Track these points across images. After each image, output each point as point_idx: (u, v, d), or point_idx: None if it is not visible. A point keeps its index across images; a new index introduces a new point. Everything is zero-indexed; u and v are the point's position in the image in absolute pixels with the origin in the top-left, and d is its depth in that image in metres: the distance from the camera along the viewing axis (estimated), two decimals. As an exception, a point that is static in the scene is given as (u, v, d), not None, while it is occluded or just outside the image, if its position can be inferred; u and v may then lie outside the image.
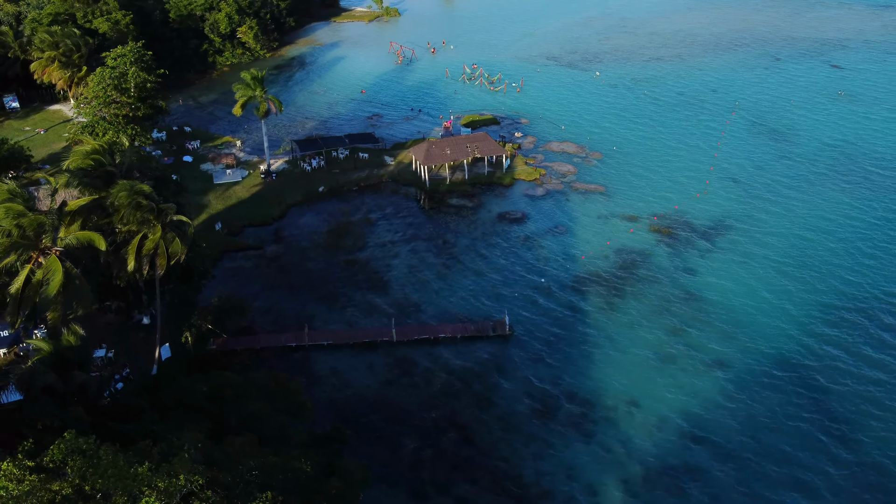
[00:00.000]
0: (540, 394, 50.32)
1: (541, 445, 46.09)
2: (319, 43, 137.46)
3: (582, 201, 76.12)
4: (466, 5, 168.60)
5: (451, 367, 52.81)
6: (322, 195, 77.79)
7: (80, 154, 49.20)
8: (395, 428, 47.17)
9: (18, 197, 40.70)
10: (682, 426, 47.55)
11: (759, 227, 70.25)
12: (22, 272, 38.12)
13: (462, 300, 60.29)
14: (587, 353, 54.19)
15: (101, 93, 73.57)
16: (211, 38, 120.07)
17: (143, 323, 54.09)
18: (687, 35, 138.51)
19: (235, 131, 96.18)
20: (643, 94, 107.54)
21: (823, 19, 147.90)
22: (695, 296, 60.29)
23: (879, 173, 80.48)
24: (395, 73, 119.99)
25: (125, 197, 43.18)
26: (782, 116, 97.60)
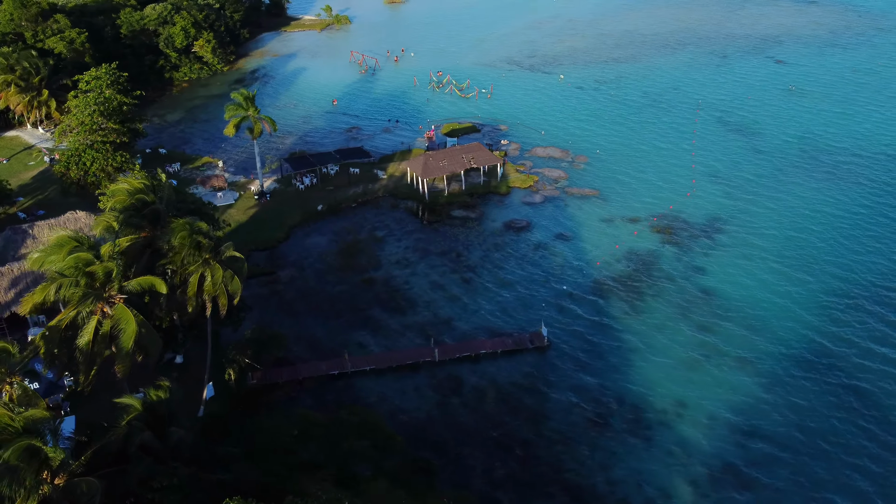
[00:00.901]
0: (590, 402, 50.97)
1: (605, 454, 46.75)
2: (275, 54, 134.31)
3: (580, 206, 77.35)
4: (412, 12, 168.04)
5: (498, 382, 52.82)
6: (322, 214, 76.17)
7: (123, 192, 46.51)
8: (459, 450, 46.81)
9: (84, 244, 38.08)
10: (731, 422, 49.11)
11: (751, 222, 73.07)
12: (89, 324, 35.71)
13: (491, 314, 60.34)
14: (625, 357, 55.22)
15: (87, 119, 69.65)
16: (167, 54, 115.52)
17: (175, 362, 51.70)
18: (635, 35, 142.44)
19: (212, 151, 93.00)
20: (609, 95, 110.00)
21: (756, 16, 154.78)
22: (710, 293, 62.28)
23: (844, 164, 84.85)
24: (361, 82, 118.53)
25: (185, 237, 41.13)
26: (744, 113, 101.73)
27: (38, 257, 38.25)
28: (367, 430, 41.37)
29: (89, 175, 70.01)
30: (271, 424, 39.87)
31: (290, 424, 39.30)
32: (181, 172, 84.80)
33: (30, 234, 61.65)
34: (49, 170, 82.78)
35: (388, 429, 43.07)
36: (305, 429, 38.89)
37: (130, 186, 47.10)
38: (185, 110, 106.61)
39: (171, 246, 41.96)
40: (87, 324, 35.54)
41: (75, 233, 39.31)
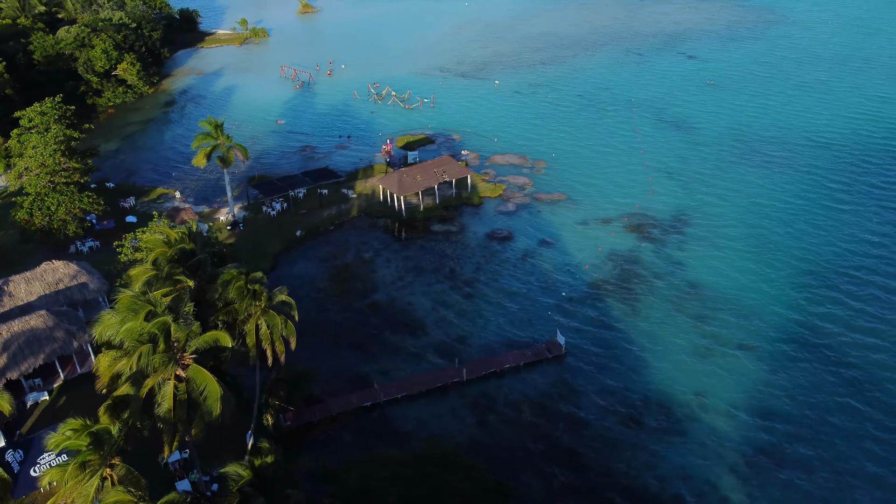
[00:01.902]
0: (619, 405, 52.69)
1: (646, 454, 48.53)
2: (200, 72, 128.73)
3: (553, 211, 79.26)
4: (326, 22, 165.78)
5: (528, 395, 53.60)
6: (301, 240, 74.12)
7: (159, 243, 43.45)
8: (511, 467, 47.29)
9: (158, 305, 35.27)
10: (749, 407, 52.06)
11: (711, 215, 77.28)
12: (166, 390, 33.32)
13: (501, 327, 60.99)
14: (637, 356, 57.36)
15: (48, 160, 64.34)
16: (87, 79, 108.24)
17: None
18: (552, 37, 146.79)
19: (163, 181, 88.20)
20: (547, 99, 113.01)
21: (657, 15, 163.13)
22: (696, 286, 65.61)
23: (776, 153, 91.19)
24: (299, 98, 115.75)
25: (242, 286, 39.10)
26: (675, 109, 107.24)
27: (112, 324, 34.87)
28: (449, 461, 41.02)
29: (55, 220, 64.85)
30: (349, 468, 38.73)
31: (370, 465, 38.32)
32: (138, 207, 79.99)
33: (5, 290, 56.58)
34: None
35: (467, 458, 42.86)
36: (392, 468, 38.07)
37: (165, 235, 44.19)
38: (121, 138, 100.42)
39: (225, 297, 39.81)
40: (164, 390, 33.22)
41: (141, 293, 36.35)
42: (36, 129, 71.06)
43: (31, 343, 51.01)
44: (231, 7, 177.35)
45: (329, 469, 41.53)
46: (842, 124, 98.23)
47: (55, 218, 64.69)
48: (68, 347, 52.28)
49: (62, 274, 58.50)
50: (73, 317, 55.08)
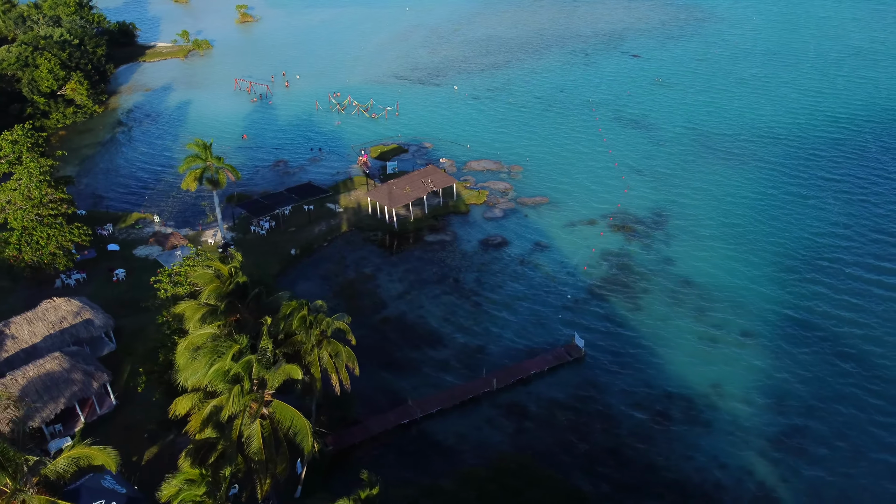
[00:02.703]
0: (645, 401, 54.56)
1: (681, 446, 50.50)
2: (148, 88, 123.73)
3: (539, 215, 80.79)
4: (268, 31, 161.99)
5: (558, 399, 54.72)
6: (297, 258, 72.84)
7: (210, 277, 41.77)
8: (560, 472, 48.22)
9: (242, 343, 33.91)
10: (762, 394, 54.87)
11: (687, 212, 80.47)
12: (254, 428, 32.28)
13: (516, 334, 61.81)
14: (650, 353, 59.43)
15: (34, 192, 60.67)
16: (33, 100, 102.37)
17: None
18: (497, 40, 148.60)
19: (136, 205, 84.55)
20: (507, 103, 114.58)
21: (593, 15, 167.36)
22: (689, 282, 68.39)
23: (733, 148, 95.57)
24: (259, 111, 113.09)
25: (304, 316, 38.24)
26: (631, 108, 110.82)
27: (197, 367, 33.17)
28: (525, 472, 41.46)
29: (44, 255, 61.29)
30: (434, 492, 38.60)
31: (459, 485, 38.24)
32: (117, 234, 76.50)
33: (7, 333, 53.41)
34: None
35: (542, 469, 43.43)
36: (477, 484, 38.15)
37: (214, 269, 42.64)
38: (79, 162, 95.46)
39: (287, 328, 38.85)
40: (252, 429, 32.23)
41: (221, 332, 34.93)
42: (6, 158, 67.03)
43: (50, 388, 48.58)
44: (165, 18, 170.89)
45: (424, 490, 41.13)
46: (786, 118, 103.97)
47: (44, 252, 61.18)
48: (88, 389, 50.06)
49: (65, 311, 55.79)
50: (87, 357, 52.63)
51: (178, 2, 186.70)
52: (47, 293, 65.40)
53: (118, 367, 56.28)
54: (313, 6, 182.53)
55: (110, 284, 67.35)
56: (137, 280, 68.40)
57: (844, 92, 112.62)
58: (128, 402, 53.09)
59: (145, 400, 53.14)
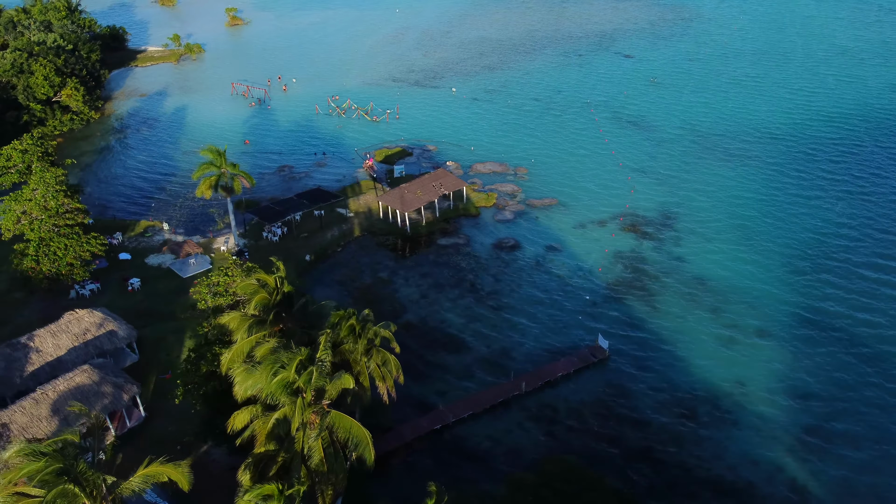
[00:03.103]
0: (671, 401, 55.00)
1: (711, 444, 51.00)
2: (143, 94, 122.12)
3: (549, 217, 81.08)
4: (259, 34, 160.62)
5: (586, 401, 54.98)
6: (312, 264, 72.39)
7: (255, 288, 41.31)
8: (596, 473, 48.46)
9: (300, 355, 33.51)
10: (784, 389, 55.53)
11: (694, 210, 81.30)
12: (314, 443, 32.00)
13: (539, 336, 61.96)
14: (672, 352, 59.90)
15: (50, 202, 59.56)
16: (29, 107, 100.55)
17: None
18: (490, 42, 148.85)
19: (142, 212, 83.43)
20: (506, 105, 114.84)
21: (582, 16, 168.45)
22: (702, 280, 69.11)
23: (732, 147, 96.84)
24: (258, 116, 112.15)
25: (353, 325, 38.07)
26: (628, 108, 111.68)
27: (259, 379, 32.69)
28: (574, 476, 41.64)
29: (62, 266, 60.23)
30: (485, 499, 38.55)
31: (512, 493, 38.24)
32: (127, 242, 75.42)
33: (31, 346, 52.44)
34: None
35: (590, 471, 43.60)
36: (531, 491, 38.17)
37: (259, 281, 42.17)
38: (80, 169, 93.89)
39: (335, 337, 38.57)
40: (313, 441, 31.96)
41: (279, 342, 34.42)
42: (16, 168, 65.83)
43: (81, 401, 47.64)
44: (152, 22, 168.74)
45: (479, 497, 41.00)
46: (781, 118, 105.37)
47: (62, 264, 60.13)
48: (118, 402, 49.30)
49: (88, 323, 54.93)
50: (115, 369, 51.90)
51: (165, 5, 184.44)
52: (62, 304, 64.37)
53: (143, 379, 55.52)
54: (302, 9, 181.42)
55: (125, 294, 66.41)
56: (152, 289, 67.60)
57: (836, 91, 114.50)
58: (156, 414, 52.39)
59: (174, 411, 52.56)
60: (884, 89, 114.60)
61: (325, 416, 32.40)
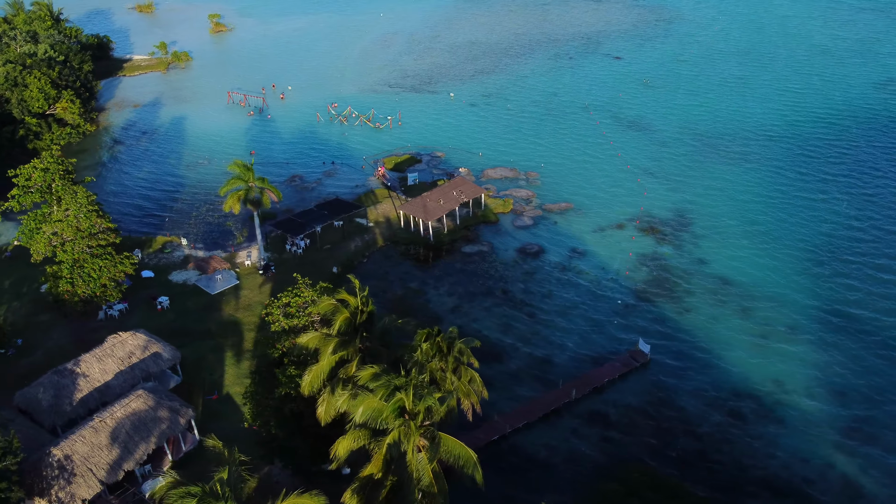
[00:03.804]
0: (716, 402, 55.85)
1: (762, 443, 51.96)
2: (136, 104, 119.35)
3: (567, 221, 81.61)
4: (244, 41, 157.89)
5: (633, 405, 55.57)
6: (339, 276, 71.66)
7: (336, 307, 40.71)
8: (676, 479, 48.70)
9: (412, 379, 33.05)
10: (822, 388, 56.93)
11: (706, 211, 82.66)
12: (422, 462, 31.75)
13: (579, 343, 62.33)
14: (708, 354, 60.88)
15: (84, 223, 57.79)
16: (24, 120, 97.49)
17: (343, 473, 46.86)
18: (480, 46, 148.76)
19: (159, 228, 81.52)
20: (505, 109, 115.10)
21: (565, 18, 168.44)
22: (726, 281, 70.29)
23: (733, 147, 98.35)
24: (259, 126, 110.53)
25: (439, 343, 37.85)
26: (627, 110, 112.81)
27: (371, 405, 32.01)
28: (660, 485, 42.07)
29: (96, 287, 58.55)
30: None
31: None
32: (147, 259, 73.68)
33: (78, 372, 50.97)
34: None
35: (671, 479, 44.01)
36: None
37: (337, 298, 41.61)
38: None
39: (419, 356, 38.28)
40: (421, 464, 31.73)
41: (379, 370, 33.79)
42: (38, 188, 63.94)
43: (139, 428, 46.72)
44: (133, 30, 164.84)
45: None
46: (775, 118, 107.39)
47: (96, 285, 58.49)
48: (175, 426, 48.29)
49: (132, 346, 53.68)
50: (167, 393, 50.79)
51: (143, 12, 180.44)
52: (91, 326, 62.75)
53: (189, 401, 54.37)
54: (284, 14, 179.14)
55: (155, 313, 64.94)
56: (182, 307, 66.25)
57: (823, 91, 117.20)
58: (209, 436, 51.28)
59: (225, 432, 51.60)
60: (867, 88, 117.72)
61: (435, 438, 32.23)
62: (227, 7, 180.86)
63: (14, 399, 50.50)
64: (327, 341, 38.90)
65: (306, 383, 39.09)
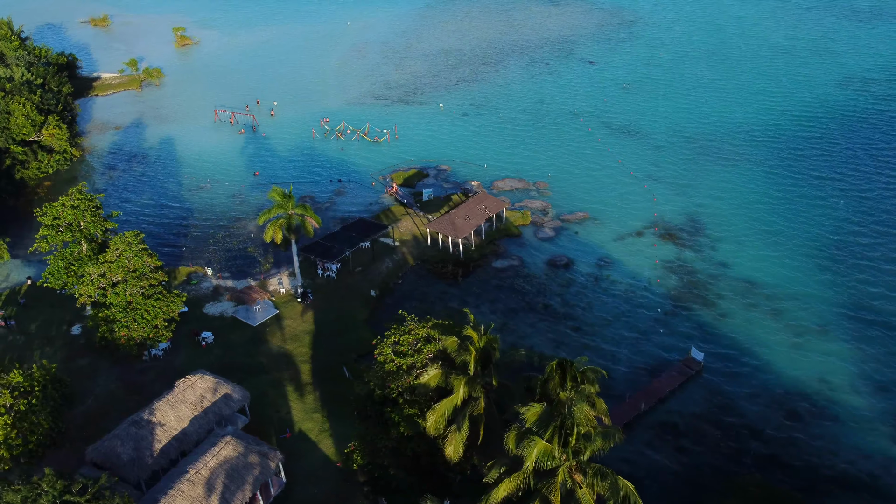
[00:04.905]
0: (771, 403, 57.93)
1: (824, 442, 54.20)
2: (118, 126, 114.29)
3: (587, 231, 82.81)
4: (213, 56, 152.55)
5: (697, 413, 57.07)
6: (378, 299, 70.86)
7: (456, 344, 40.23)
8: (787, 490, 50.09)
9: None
10: (864, 381, 59.69)
11: (714, 214, 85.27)
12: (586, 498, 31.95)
13: (630, 354, 63.54)
14: (752, 356, 63.05)
15: (137, 263, 55.11)
16: (9, 150, 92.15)
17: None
18: (456, 54, 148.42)
19: (177, 258, 78.47)
20: (497, 117, 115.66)
21: (529, 23, 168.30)
22: (751, 284, 72.79)
23: (726, 149, 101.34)
24: (253, 144, 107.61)
25: (575, 375, 37.94)
26: (615, 115, 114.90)
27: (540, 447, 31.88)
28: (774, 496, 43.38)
29: (149, 329, 56.04)
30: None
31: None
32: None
33: (154, 421, 48.85)
34: (3, 335, 63.69)
35: (779, 489, 45.30)
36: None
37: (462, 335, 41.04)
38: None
39: (549, 389, 38.30)
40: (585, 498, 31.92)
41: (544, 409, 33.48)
42: (69, 227, 60.78)
43: (234, 477, 45.24)
44: (93, 45, 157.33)
45: None
46: (755, 119, 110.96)
47: (149, 327, 56.00)
48: (267, 472, 46.96)
49: (202, 389, 51.88)
50: (250, 437, 49.28)
51: (98, 25, 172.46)
52: (137, 368, 60.12)
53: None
54: (246, 26, 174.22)
55: (199, 350, 62.70)
56: (226, 342, 64.14)
57: (794, 91, 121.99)
58: (295, 479, 50.10)
59: (309, 472, 50.61)
60: (831, 87, 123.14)
61: (600, 472, 32.67)
62: (186, 19, 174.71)
63: (87, 454, 48.03)
64: (456, 379, 38.63)
65: (432, 423, 38.70)
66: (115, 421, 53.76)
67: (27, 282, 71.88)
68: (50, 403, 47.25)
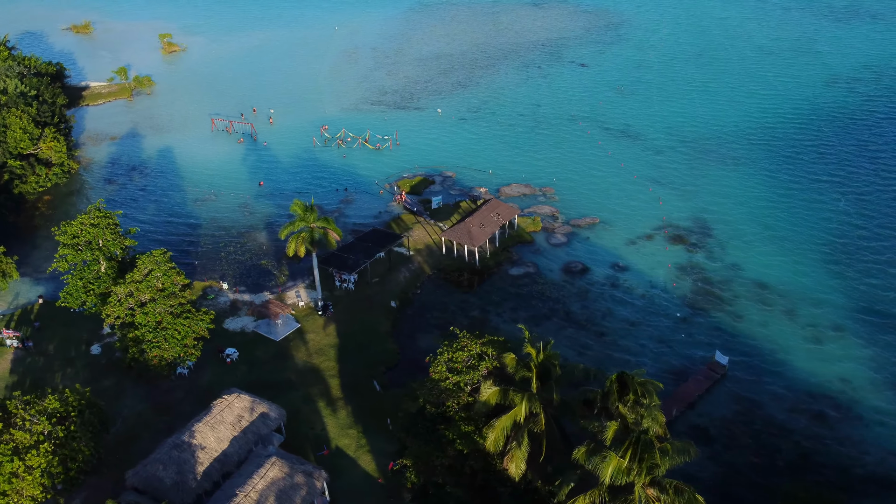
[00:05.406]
0: (797, 405, 58.83)
1: (851, 443, 55.08)
2: (113, 137, 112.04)
3: (598, 236, 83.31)
4: (203, 63, 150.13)
5: (726, 417, 57.70)
6: (398, 310, 70.48)
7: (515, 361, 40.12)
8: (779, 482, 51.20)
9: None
10: (884, 379, 60.77)
11: (719, 216, 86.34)
12: None
13: (655, 359, 64.09)
14: (773, 359, 63.87)
15: (166, 283, 54.03)
16: (6, 164, 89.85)
17: None
18: (448, 58, 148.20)
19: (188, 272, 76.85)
20: (497, 122, 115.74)
21: (515, 27, 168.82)
22: (763, 285, 73.80)
23: (724, 151, 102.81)
24: (254, 153, 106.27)
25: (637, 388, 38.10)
26: (613, 119, 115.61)
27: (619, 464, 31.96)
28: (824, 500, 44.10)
29: (180, 349, 55.01)
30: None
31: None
32: (193, 308, 69.74)
33: (194, 443, 47.99)
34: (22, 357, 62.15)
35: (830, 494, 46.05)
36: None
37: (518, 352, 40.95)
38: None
39: (608, 405, 38.46)
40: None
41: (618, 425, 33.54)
42: (89, 245, 59.49)
43: (282, 499, 44.71)
44: (78, 53, 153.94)
45: None
46: (748, 121, 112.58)
47: (179, 346, 55.00)
48: (314, 492, 46.47)
49: (239, 409, 51.21)
50: (293, 457, 48.72)
51: (81, 32, 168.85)
52: (164, 388, 59.06)
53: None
54: (232, 31, 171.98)
55: (225, 367, 61.81)
56: (250, 357, 63.31)
57: (783, 92, 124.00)
58: (338, 498, 49.63)
59: (351, 490, 50.22)
60: (819, 87, 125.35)
61: (678, 488, 32.95)
62: (169, 25, 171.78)
63: (127, 479, 47.06)
64: (516, 396, 38.63)
65: (492, 440, 38.66)
66: (147, 443, 52.92)
67: (39, 300, 70.21)
68: (89, 429, 46.13)
